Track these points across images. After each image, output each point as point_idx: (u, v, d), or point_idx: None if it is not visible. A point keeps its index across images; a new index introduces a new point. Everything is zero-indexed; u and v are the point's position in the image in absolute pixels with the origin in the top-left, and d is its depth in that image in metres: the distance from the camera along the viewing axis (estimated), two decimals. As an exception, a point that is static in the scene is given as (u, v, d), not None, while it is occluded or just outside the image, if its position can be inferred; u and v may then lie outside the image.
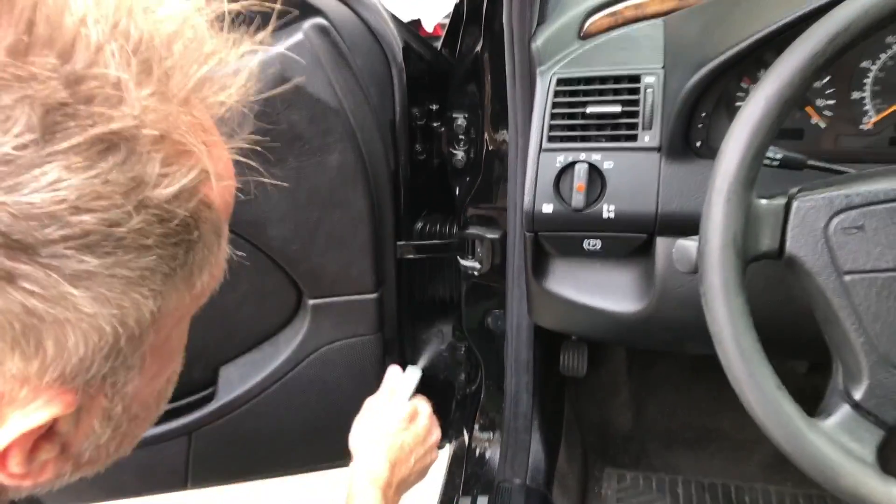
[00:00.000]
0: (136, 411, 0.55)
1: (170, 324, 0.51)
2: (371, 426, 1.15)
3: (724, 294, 0.73)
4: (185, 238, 0.46)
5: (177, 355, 0.58)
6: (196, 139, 0.46)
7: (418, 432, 1.16)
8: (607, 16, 1.12)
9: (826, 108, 1.01)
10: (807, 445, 0.72)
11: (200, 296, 0.54)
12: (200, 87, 0.48)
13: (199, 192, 0.46)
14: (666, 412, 1.74)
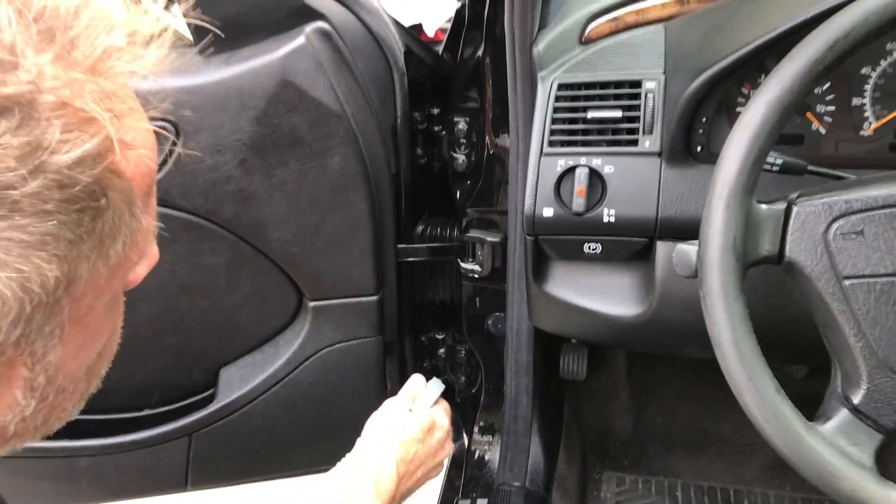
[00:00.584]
0: (64, 384, 0.55)
1: (89, 294, 0.51)
2: (387, 429, 1.10)
3: (723, 298, 0.73)
4: (91, 205, 0.46)
5: (105, 330, 0.57)
6: (101, 107, 0.46)
7: (432, 446, 1.12)
8: (608, 21, 1.13)
9: (826, 114, 1.01)
10: (805, 449, 0.72)
11: (121, 269, 0.53)
12: (108, 56, 0.48)
13: (104, 159, 0.46)
14: (665, 416, 1.74)
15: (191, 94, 1.14)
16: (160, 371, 1.37)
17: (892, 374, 0.74)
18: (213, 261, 1.26)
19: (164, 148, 1.15)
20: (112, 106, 0.48)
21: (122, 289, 0.60)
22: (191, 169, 1.18)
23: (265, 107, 1.16)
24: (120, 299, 0.60)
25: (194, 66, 1.17)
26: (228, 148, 1.17)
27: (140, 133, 0.52)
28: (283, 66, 1.14)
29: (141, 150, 0.52)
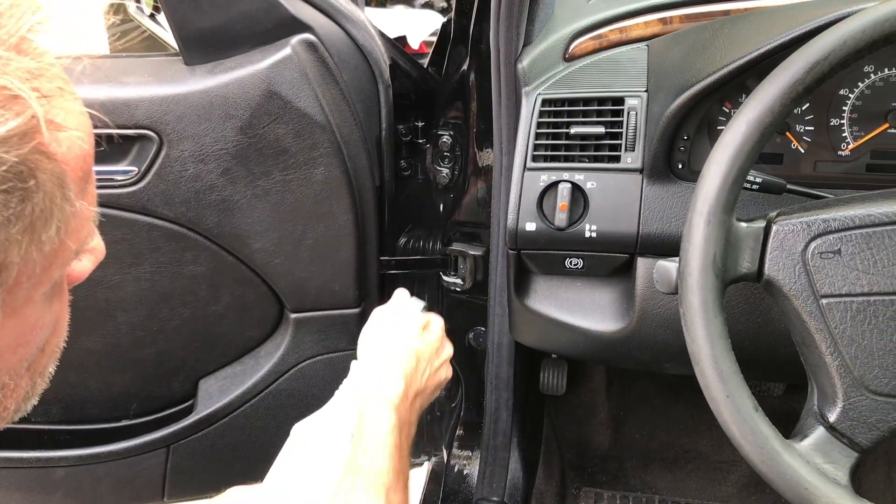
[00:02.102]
0: (2, 379, 0.54)
1: (24, 283, 0.50)
2: (381, 334, 1.06)
3: (703, 315, 0.74)
4: (19, 186, 0.45)
5: (45, 323, 0.56)
6: (27, 85, 0.45)
7: (431, 342, 1.07)
8: (592, 39, 1.14)
9: (805, 134, 1.02)
10: (782, 466, 0.73)
11: (59, 258, 0.52)
12: (34, 34, 0.47)
13: (31, 139, 0.45)
14: (644, 432, 1.75)
15: (175, 103, 1.14)
16: (138, 381, 1.36)
17: (867, 392, 0.75)
18: (195, 270, 1.26)
19: (147, 154, 1.16)
20: (39, 85, 0.46)
21: (65, 282, 0.58)
22: (173, 178, 1.18)
23: (250, 117, 1.16)
24: (63, 292, 0.58)
25: (179, 75, 1.17)
26: (212, 157, 1.17)
27: (72, 115, 0.51)
28: (269, 76, 1.15)
29: (73, 133, 0.50)
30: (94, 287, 1.24)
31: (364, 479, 0.85)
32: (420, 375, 1.02)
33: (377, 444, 0.89)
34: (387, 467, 0.87)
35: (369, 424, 0.91)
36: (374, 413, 0.93)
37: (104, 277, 1.24)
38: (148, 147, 1.16)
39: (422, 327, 1.07)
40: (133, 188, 1.17)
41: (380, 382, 0.97)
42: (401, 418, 0.93)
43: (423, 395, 1.03)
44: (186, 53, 1.18)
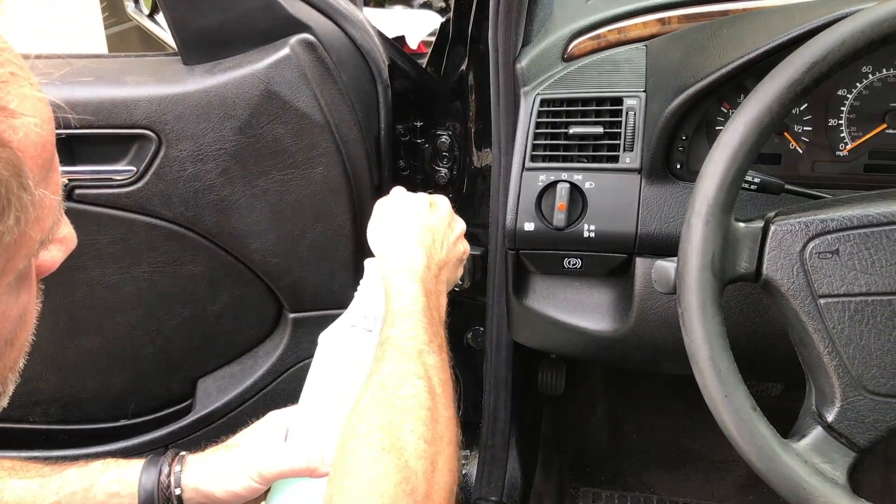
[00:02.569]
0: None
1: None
2: (390, 219, 1.02)
3: (701, 315, 0.74)
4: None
5: (12, 314, 0.54)
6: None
7: (442, 216, 1.03)
8: (591, 39, 1.14)
9: (803, 135, 1.03)
10: (780, 466, 0.73)
11: (22, 248, 0.51)
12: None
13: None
14: (642, 432, 1.75)
15: (174, 103, 1.14)
16: (137, 381, 1.36)
17: (865, 392, 0.75)
18: (193, 270, 1.26)
19: (146, 154, 1.16)
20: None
21: (33, 273, 0.57)
22: (172, 177, 1.17)
23: (249, 117, 1.16)
24: (31, 284, 0.57)
25: (178, 75, 1.17)
26: (211, 157, 1.17)
27: (28, 101, 0.50)
28: (268, 76, 1.15)
29: (28, 119, 0.49)
30: (93, 287, 1.24)
31: (392, 348, 0.82)
32: (439, 248, 0.99)
33: (404, 314, 0.86)
34: (414, 333, 0.84)
35: (395, 298, 0.88)
36: (398, 287, 0.90)
37: (103, 277, 1.24)
38: (147, 147, 1.16)
39: (429, 205, 1.03)
40: (132, 188, 1.17)
41: (399, 260, 0.94)
42: (427, 287, 0.91)
43: (446, 267, 1.00)
44: (185, 53, 1.18)
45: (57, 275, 0.64)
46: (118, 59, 1.27)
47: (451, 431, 0.78)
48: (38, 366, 1.29)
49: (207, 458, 0.92)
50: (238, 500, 0.90)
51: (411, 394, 0.77)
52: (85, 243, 1.20)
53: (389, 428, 0.73)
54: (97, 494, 0.89)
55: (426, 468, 0.72)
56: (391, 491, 0.68)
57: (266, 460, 0.88)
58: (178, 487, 0.90)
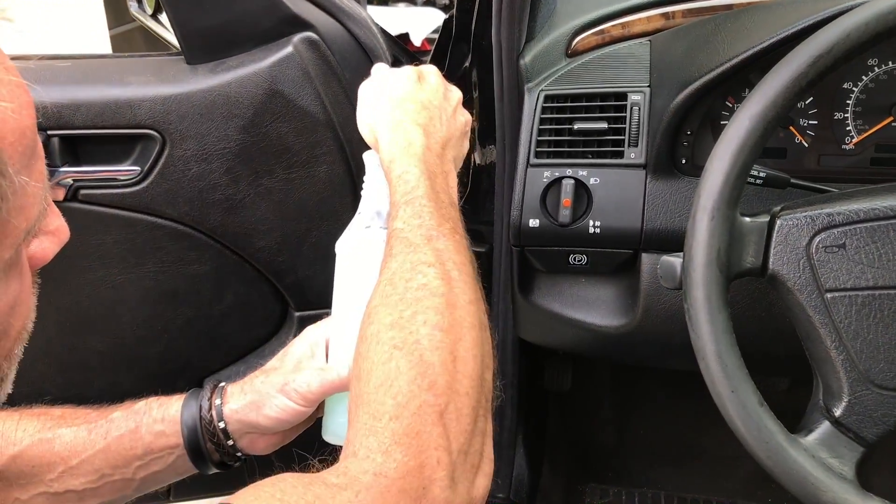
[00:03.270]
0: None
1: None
2: (376, 100, 0.92)
3: (707, 310, 0.74)
4: None
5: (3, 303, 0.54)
6: None
7: (434, 87, 0.93)
8: (594, 34, 1.14)
9: (809, 128, 1.02)
10: (788, 462, 0.72)
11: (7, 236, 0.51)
12: None
13: None
14: (649, 428, 1.75)
15: (178, 103, 1.14)
16: (144, 380, 1.37)
17: (872, 386, 0.75)
18: (199, 269, 1.26)
19: (150, 154, 1.16)
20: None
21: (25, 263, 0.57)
22: (177, 177, 1.18)
23: (252, 115, 1.16)
24: (23, 274, 0.57)
25: (181, 75, 1.17)
26: (215, 156, 1.17)
27: (3, 86, 0.50)
28: (271, 75, 1.15)
29: (4, 104, 0.49)
30: (98, 287, 1.24)
31: (399, 241, 0.76)
32: (438, 123, 0.89)
33: (406, 202, 0.79)
34: (420, 220, 0.77)
35: (396, 187, 0.81)
36: (397, 174, 0.82)
37: (108, 277, 1.24)
38: (151, 147, 1.16)
39: (417, 79, 0.93)
40: (136, 188, 1.18)
41: (395, 145, 0.85)
42: (429, 168, 0.82)
43: (450, 142, 0.90)
44: (188, 53, 1.18)
45: (63, 275, 0.64)
46: (121, 60, 1.27)
47: (473, 315, 0.72)
48: (45, 366, 1.29)
49: (246, 386, 0.90)
50: (283, 425, 0.87)
51: (422, 284, 0.71)
52: (90, 243, 1.21)
53: (400, 323, 0.69)
54: (144, 436, 0.88)
55: (444, 359, 0.67)
56: (405, 389, 0.64)
57: (304, 380, 0.85)
58: (222, 420, 0.88)
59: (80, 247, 1.19)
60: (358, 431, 0.64)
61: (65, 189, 1.15)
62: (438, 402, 0.64)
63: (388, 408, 0.64)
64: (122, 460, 0.88)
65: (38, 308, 0.64)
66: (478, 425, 0.67)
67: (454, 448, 0.64)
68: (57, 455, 0.87)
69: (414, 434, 0.62)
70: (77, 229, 0.65)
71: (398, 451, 0.61)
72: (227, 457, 0.90)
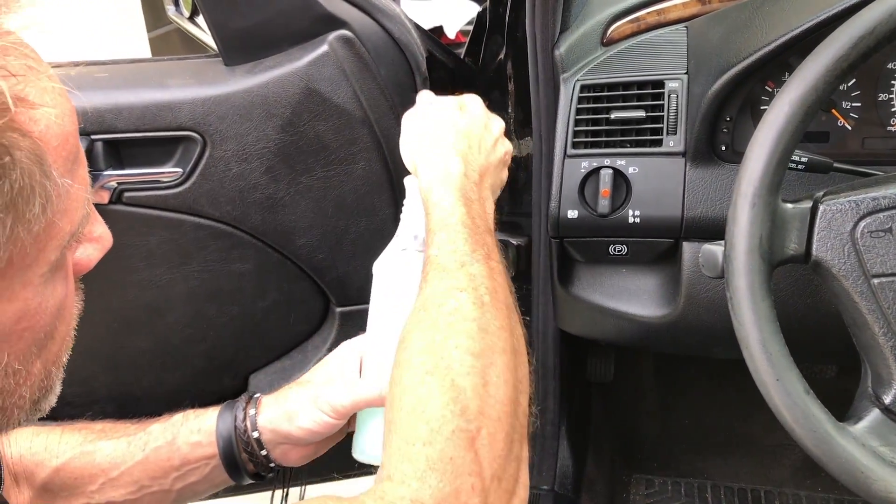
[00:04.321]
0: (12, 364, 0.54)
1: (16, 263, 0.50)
2: (418, 128, 0.94)
3: (750, 298, 0.73)
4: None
5: (48, 306, 0.56)
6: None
7: (476, 116, 0.94)
8: (630, 22, 1.13)
9: (852, 111, 1.00)
10: (837, 450, 0.72)
11: (52, 238, 0.53)
12: None
13: (1, 116, 0.46)
14: (694, 417, 1.73)
15: (217, 104, 1.16)
16: (191, 378, 1.39)
17: (923, 372, 0.74)
18: (242, 268, 1.28)
19: (191, 155, 1.18)
20: (5, 63, 0.47)
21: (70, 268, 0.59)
22: (218, 177, 1.19)
23: (290, 115, 1.17)
24: (67, 277, 0.58)
25: (220, 76, 1.18)
26: (255, 156, 1.19)
27: (47, 93, 0.51)
28: (308, 74, 1.16)
29: (49, 110, 0.50)
30: (145, 287, 1.27)
31: (433, 267, 0.76)
32: (477, 152, 0.90)
33: (441, 229, 0.79)
34: (454, 247, 0.77)
35: (432, 213, 0.82)
36: (434, 201, 0.83)
37: (154, 277, 1.26)
38: (192, 148, 1.18)
39: (459, 108, 0.95)
40: (179, 189, 1.19)
41: (433, 172, 0.86)
42: (465, 195, 0.83)
43: (488, 171, 0.91)
44: (226, 54, 1.19)
45: (110, 277, 0.66)
46: (161, 63, 1.29)
47: (505, 340, 0.72)
48: (94, 366, 1.32)
49: (280, 397, 0.91)
50: (315, 437, 0.88)
51: (454, 308, 0.72)
52: (135, 245, 1.23)
53: (432, 348, 0.69)
54: (181, 447, 0.90)
55: (476, 383, 0.67)
56: (437, 414, 0.64)
57: (336, 393, 0.86)
58: (256, 430, 0.90)
59: (125, 248, 1.22)
60: (392, 456, 0.64)
61: (109, 192, 1.17)
62: (470, 427, 0.64)
63: (421, 433, 0.64)
64: (161, 471, 0.90)
65: (86, 309, 0.65)
66: (512, 451, 0.67)
67: (487, 474, 0.64)
68: (98, 467, 0.89)
69: (448, 459, 0.62)
70: (122, 231, 0.67)
71: (433, 477, 0.62)
72: (261, 467, 0.92)
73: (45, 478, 0.89)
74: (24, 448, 0.89)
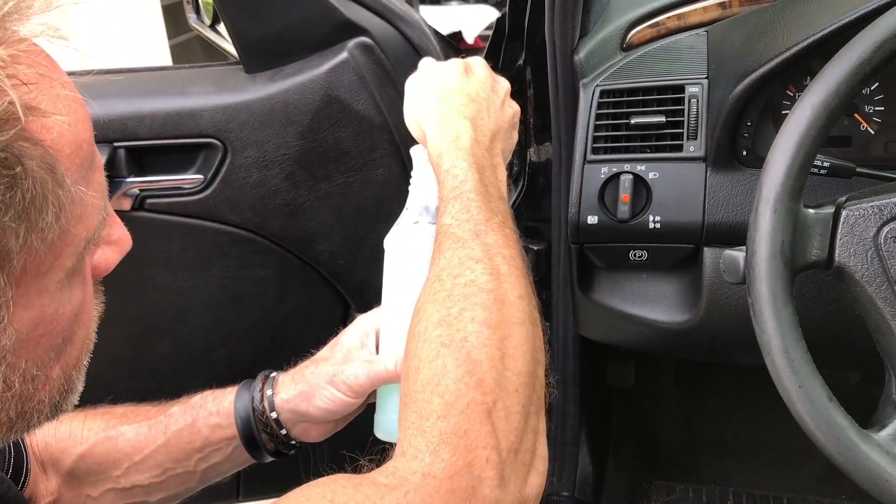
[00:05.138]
0: (31, 371, 0.54)
1: (31, 271, 0.50)
2: (423, 94, 0.90)
3: (772, 304, 0.73)
4: (3, 173, 0.46)
5: (66, 312, 0.56)
6: (2, 73, 0.46)
7: (481, 79, 0.90)
8: (649, 27, 1.12)
9: (875, 115, 1.00)
10: (860, 457, 0.71)
11: (67, 245, 0.53)
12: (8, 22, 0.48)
13: (11, 126, 0.46)
14: (715, 423, 1.72)
15: (238, 111, 1.17)
16: (211, 383, 1.39)
17: (948, 379, 0.73)
18: (262, 274, 1.29)
19: (212, 162, 1.19)
20: (16, 72, 0.47)
21: (88, 272, 0.59)
22: (239, 184, 1.20)
23: (310, 122, 1.18)
24: (85, 282, 0.58)
25: (241, 84, 1.19)
26: (275, 162, 1.19)
27: (60, 101, 0.51)
28: (328, 81, 1.16)
29: (60, 118, 0.51)
30: (166, 293, 1.28)
31: (447, 237, 0.75)
32: (486, 116, 0.87)
33: (454, 197, 0.77)
34: (468, 215, 0.75)
35: (444, 182, 0.80)
36: (445, 169, 0.80)
37: (175, 283, 1.27)
38: (213, 155, 1.19)
39: (464, 71, 0.91)
40: (200, 195, 1.20)
41: (442, 138, 0.83)
42: (477, 162, 0.81)
43: (498, 135, 0.87)
44: (247, 62, 1.20)
45: (131, 282, 0.66)
46: (182, 71, 1.31)
47: (522, 311, 0.70)
48: (116, 371, 1.33)
49: (297, 376, 0.91)
50: (333, 415, 0.88)
51: (470, 280, 0.70)
52: (157, 251, 1.24)
53: (448, 320, 0.68)
54: (201, 429, 0.90)
55: (492, 355, 0.66)
56: (452, 387, 0.63)
57: (353, 372, 0.86)
58: (274, 411, 0.90)
59: (147, 254, 1.23)
60: (406, 430, 0.64)
61: (132, 199, 1.18)
62: (486, 399, 0.63)
63: (435, 406, 0.63)
64: (183, 454, 0.91)
65: (108, 315, 0.65)
66: (529, 423, 0.66)
67: (504, 446, 0.63)
68: (121, 452, 0.90)
69: (462, 433, 0.62)
70: (144, 237, 0.67)
71: (446, 451, 0.61)
72: (282, 445, 0.92)
73: (71, 464, 0.89)
74: (49, 435, 0.89)
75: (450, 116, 0.85)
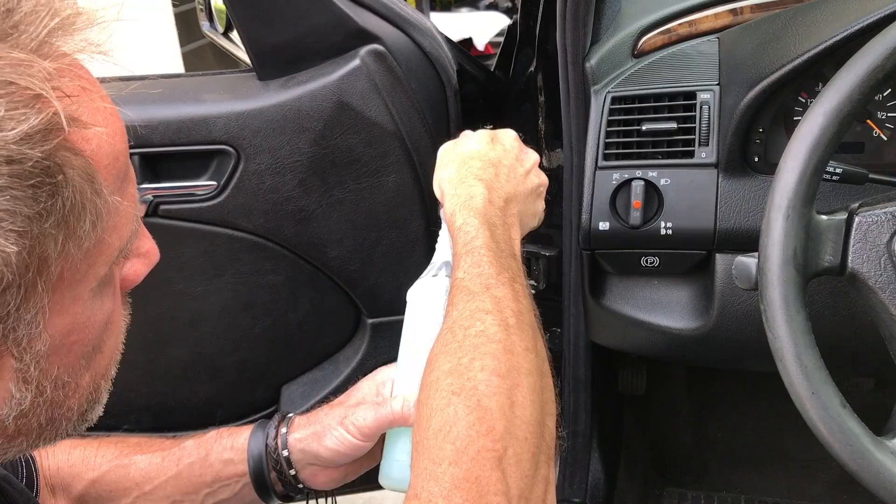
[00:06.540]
0: (61, 377, 0.55)
1: (67, 278, 0.51)
2: (448, 160, 0.95)
3: (784, 311, 0.73)
4: (46, 181, 0.47)
5: (97, 320, 0.57)
6: (48, 85, 0.47)
7: (507, 148, 0.94)
8: (661, 33, 1.13)
9: (888, 121, 0.99)
10: (874, 465, 0.71)
11: (101, 254, 0.54)
12: (54, 37, 0.49)
13: (55, 136, 0.47)
14: (728, 430, 1.72)
15: (251, 118, 1.17)
16: (223, 389, 1.40)
17: (963, 386, 0.73)
18: (275, 280, 1.29)
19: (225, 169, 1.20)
20: (60, 85, 0.49)
21: (118, 282, 0.60)
22: (252, 190, 1.21)
23: (322, 128, 1.18)
24: (115, 292, 0.60)
25: (254, 91, 1.20)
26: (288, 169, 1.20)
27: (99, 114, 0.53)
28: (340, 88, 1.17)
29: (100, 130, 0.52)
30: (179, 299, 1.28)
31: (460, 290, 0.77)
32: (503, 180, 0.90)
33: (466, 253, 0.80)
34: (479, 269, 0.78)
35: (457, 238, 0.83)
36: (458, 226, 0.84)
37: (188, 289, 1.28)
38: (226, 162, 1.20)
39: (490, 140, 0.95)
40: (213, 202, 1.21)
41: (457, 198, 0.87)
42: (489, 220, 0.84)
43: (516, 199, 0.91)
44: (260, 69, 1.21)
45: (144, 288, 0.67)
46: (195, 78, 1.31)
47: (531, 361, 0.72)
48: (130, 376, 1.33)
49: (312, 417, 0.92)
50: (342, 458, 0.89)
51: (480, 331, 0.72)
52: (170, 257, 1.24)
53: (459, 370, 0.69)
54: (213, 463, 0.91)
55: (502, 403, 0.67)
56: (463, 434, 0.64)
57: (361, 414, 0.87)
58: (286, 449, 0.90)
59: (160, 260, 1.23)
60: (419, 475, 0.65)
61: (145, 205, 1.19)
62: (496, 446, 0.64)
63: (447, 453, 0.64)
64: (193, 487, 0.91)
65: (122, 321, 0.66)
66: (539, 472, 0.67)
67: (514, 493, 0.63)
68: (132, 481, 0.91)
69: (473, 479, 0.62)
70: (157, 244, 0.68)
71: (458, 497, 0.62)
72: (290, 488, 0.93)
73: (82, 489, 0.90)
74: (62, 460, 0.90)
75: (466, 178, 0.89)
